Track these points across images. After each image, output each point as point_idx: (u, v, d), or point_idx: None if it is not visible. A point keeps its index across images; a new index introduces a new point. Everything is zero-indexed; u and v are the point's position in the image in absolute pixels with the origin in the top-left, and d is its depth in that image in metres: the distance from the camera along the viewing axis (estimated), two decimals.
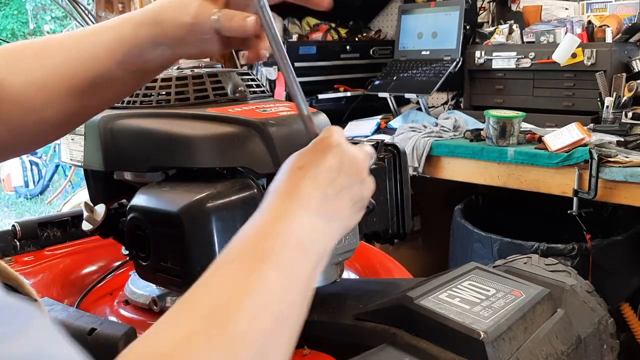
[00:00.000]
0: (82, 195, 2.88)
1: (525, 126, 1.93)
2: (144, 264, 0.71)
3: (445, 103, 2.50)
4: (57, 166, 6.57)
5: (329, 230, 0.54)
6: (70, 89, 0.61)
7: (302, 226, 0.51)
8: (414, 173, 1.97)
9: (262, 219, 0.51)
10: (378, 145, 0.89)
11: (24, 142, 0.64)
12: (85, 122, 0.71)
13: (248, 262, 0.47)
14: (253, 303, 0.44)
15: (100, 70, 0.61)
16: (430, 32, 2.35)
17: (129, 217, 0.71)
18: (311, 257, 0.51)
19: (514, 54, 2.13)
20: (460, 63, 2.23)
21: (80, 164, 0.87)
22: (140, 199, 0.71)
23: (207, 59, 0.98)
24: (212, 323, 0.41)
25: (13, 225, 1.05)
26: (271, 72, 2.32)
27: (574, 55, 1.95)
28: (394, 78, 2.35)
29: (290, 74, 0.60)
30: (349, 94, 2.50)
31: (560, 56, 1.95)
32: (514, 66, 2.13)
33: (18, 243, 1.04)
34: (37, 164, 6.82)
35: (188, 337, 0.40)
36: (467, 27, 2.28)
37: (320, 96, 2.40)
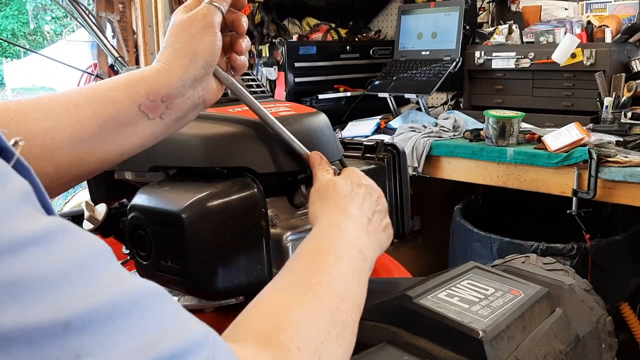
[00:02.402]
0: (82, 195, 2.88)
1: (525, 126, 1.94)
2: (144, 263, 0.71)
3: (445, 103, 2.51)
4: None
5: (372, 244, 0.64)
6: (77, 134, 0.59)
7: (357, 238, 0.61)
8: (414, 173, 1.97)
9: (320, 233, 0.61)
10: (378, 145, 0.90)
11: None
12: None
13: (323, 258, 0.56)
14: (335, 283, 0.53)
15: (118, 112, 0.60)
16: (430, 32, 2.36)
17: (129, 217, 0.72)
18: (367, 262, 0.61)
19: (513, 54, 2.13)
20: (460, 63, 2.23)
21: None
22: (140, 199, 0.71)
23: None
24: (297, 292, 0.51)
25: None
26: (271, 72, 2.32)
27: (573, 56, 1.95)
28: (394, 78, 2.35)
29: (274, 123, 0.72)
30: (349, 94, 2.50)
31: (560, 56, 1.95)
32: (513, 66, 2.13)
33: None
34: None
35: (283, 307, 0.48)
36: (467, 27, 2.28)
37: (320, 96, 2.40)
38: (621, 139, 1.69)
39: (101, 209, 0.81)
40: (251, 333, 0.45)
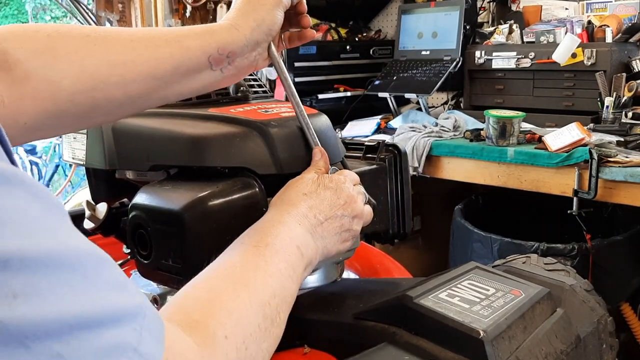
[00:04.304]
0: (82, 195, 2.88)
1: (525, 126, 1.94)
2: (145, 262, 0.71)
3: (445, 103, 2.51)
4: (57, 166, 6.57)
5: (314, 247, 0.65)
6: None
7: (299, 235, 0.63)
8: (414, 173, 1.97)
9: (265, 224, 0.62)
10: (379, 146, 0.90)
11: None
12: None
13: (261, 252, 0.57)
14: (269, 279, 0.54)
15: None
16: (430, 32, 2.36)
17: (130, 216, 0.72)
18: (305, 260, 0.62)
19: (514, 54, 2.13)
20: (460, 63, 2.23)
21: (82, 162, 0.87)
22: (141, 198, 0.71)
23: None
24: (233, 283, 0.52)
25: None
26: (271, 72, 2.32)
27: (574, 55, 1.95)
28: (394, 78, 2.35)
29: (306, 124, 0.74)
30: (349, 94, 2.50)
31: (560, 56, 1.95)
32: (513, 66, 2.13)
33: None
34: (37, 164, 6.82)
35: (218, 294, 0.49)
36: (467, 27, 2.28)
37: (320, 96, 2.40)
38: (622, 139, 1.69)
39: (102, 208, 0.81)
40: (182, 315, 0.46)
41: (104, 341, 0.31)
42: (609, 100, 1.87)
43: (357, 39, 2.76)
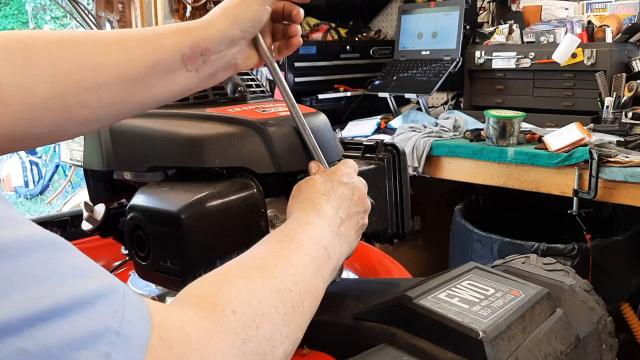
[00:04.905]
0: (82, 195, 2.88)
1: (525, 126, 1.93)
2: (143, 263, 0.71)
3: (445, 103, 2.50)
4: (57, 166, 6.57)
5: (340, 246, 0.65)
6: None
7: (327, 236, 0.62)
8: (414, 173, 1.97)
9: (292, 225, 0.62)
10: (378, 145, 0.90)
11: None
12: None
13: (286, 245, 0.56)
14: (292, 268, 0.53)
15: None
16: (430, 32, 2.35)
17: (128, 217, 0.71)
18: (332, 262, 0.61)
19: (514, 54, 2.13)
20: (460, 63, 2.23)
21: (80, 163, 0.87)
22: (139, 199, 0.71)
23: None
24: (248, 267, 0.50)
25: None
26: None
27: (574, 55, 1.95)
28: (394, 78, 2.35)
29: (301, 125, 0.74)
30: (349, 94, 2.50)
31: (560, 56, 1.95)
32: (514, 66, 2.13)
33: None
34: (37, 164, 6.82)
35: (228, 276, 0.48)
36: (467, 27, 2.28)
37: (320, 96, 2.40)
38: (622, 139, 1.69)
39: (100, 209, 0.81)
40: (190, 296, 0.45)
41: (77, 329, 0.30)
42: (609, 100, 1.87)
43: (357, 39, 2.75)
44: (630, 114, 1.84)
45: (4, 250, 0.29)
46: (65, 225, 1.10)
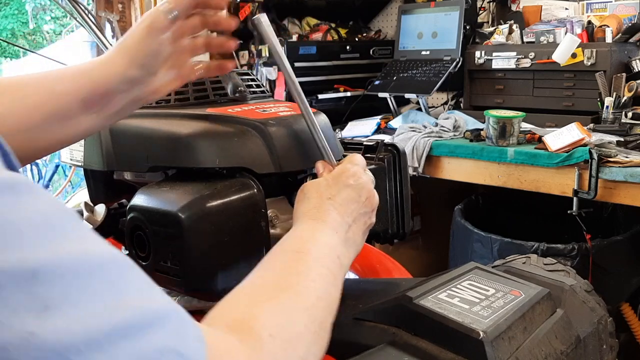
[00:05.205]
0: (82, 195, 2.88)
1: (525, 126, 1.93)
2: (143, 263, 0.71)
3: (445, 103, 2.50)
4: (57, 166, 6.56)
5: (348, 252, 0.64)
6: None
7: (337, 245, 0.61)
8: (414, 173, 1.97)
9: (303, 234, 0.61)
10: (378, 146, 0.89)
11: None
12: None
13: (301, 257, 0.56)
14: (312, 282, 0.53)
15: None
16: (430, 32, 2.35)
17: (128, 217, 0.71)
18: (344, 269, 0.61)
19: (514, 54, 2.13)
20: (460, 63, 2.23)
21: (80, 163, 0.87)
22: (140, 199, 0.71)
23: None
24: (274, 286, 0.50)
25: None
26: (271, 72, 2.32)
27: (574, 55, 1.95)
28: (394, 78, 2.35)
29: (313, 125, 0.73)
30: (349, 94, 2.50)
31: (560, 56, 1.95)
32: (513, 66, 2.13)
33: None
34: (37, 164, 6.81)
35: (258, 298, 0.48)
36: (467, 27, 2.28)
37: (320, 96, 2.40)
38: (622, 139, 1.69)
39: (100, 210, 0.81)
40: (224, 319, 0.45)
41: (146, 347, 0.30)
42: (609, 100, 1.87)
43: (357, 39, 2.75)
44: (630, 114, 1.84)
45: (80, 267, 0.30)
46: None
